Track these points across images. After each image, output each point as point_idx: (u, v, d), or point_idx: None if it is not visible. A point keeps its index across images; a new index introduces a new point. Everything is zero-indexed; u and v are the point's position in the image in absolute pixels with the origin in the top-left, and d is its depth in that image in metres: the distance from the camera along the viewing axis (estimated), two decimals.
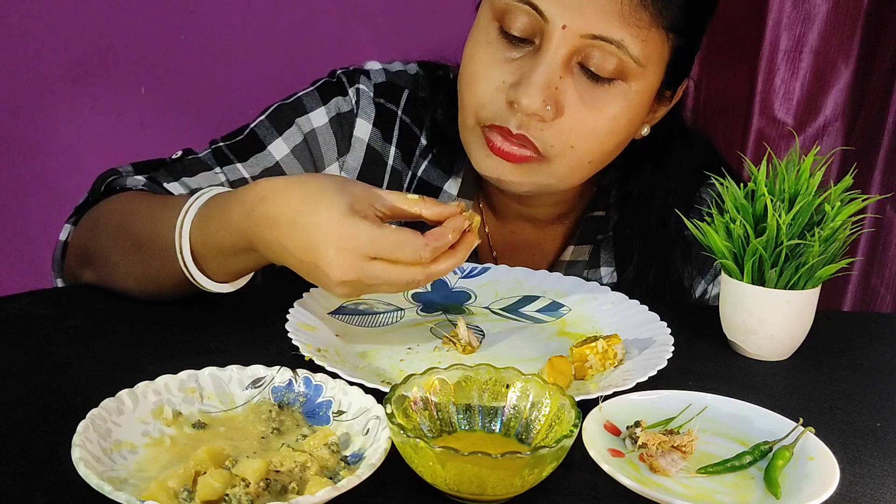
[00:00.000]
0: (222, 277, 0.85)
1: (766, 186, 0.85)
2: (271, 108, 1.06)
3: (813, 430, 0.67)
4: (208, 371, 0.70)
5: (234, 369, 0.70)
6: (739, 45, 1.66)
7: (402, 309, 0.94)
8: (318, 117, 1.05)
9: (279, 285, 0.90)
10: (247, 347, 0.81)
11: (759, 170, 0.87)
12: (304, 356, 0.76)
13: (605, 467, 0.61)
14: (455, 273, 1.00)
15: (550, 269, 1.02)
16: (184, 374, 0.69)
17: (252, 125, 1.05)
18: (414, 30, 1.68)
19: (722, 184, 0.88)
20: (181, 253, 0.83)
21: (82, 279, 0.96)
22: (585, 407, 0.67)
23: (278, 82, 1.51)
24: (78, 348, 0.80)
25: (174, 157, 1.03)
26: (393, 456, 0.61)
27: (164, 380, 0.68)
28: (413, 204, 0.78)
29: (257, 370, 0.71)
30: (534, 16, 0.87)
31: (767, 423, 0.70)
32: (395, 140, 1.07)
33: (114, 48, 1.60)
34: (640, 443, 0.67)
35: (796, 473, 0.64)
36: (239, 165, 1.01)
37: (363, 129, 1.06)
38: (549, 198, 1.06)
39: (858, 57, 1.64)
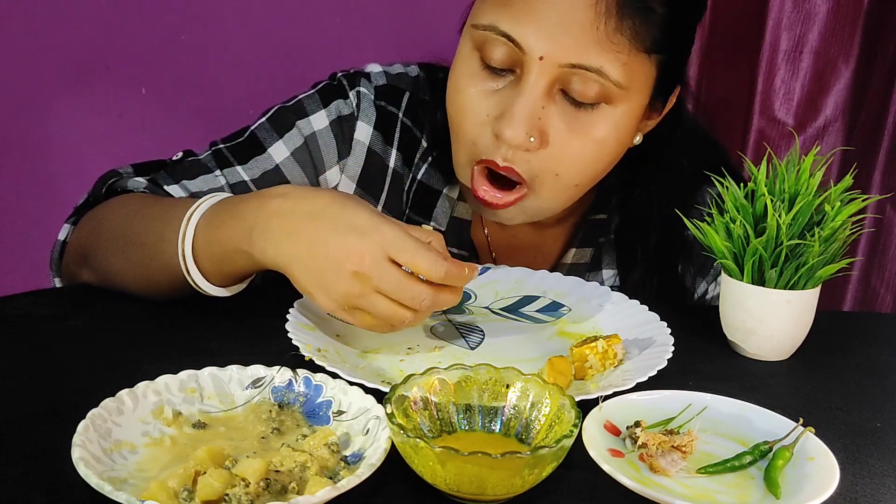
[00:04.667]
0: (217, 279, 0.85)
1: (766, 186, 0.85)
2: (272, 111, 1.06)
3: (813, 430, 0.67)
4: (208, 371, 0.70)
5: (234, 369, 0.70)
6: (739, 45, 1.66)
7: None
8: (319, 120, 1.04)
9: (279, 286, 0.90)
10: (247, 347, 0.81)
11: (759, 170, 0.87)
12: (304, 356, 0.76)
13: (605, 467, 0.61)
14: None
15: (552, 272, 1.02)
16: (184, 374, 0.69)
17: (252, 127, 1.05)
18: (414, 30, 1.68)
19: (722, 184, 0.88)
20: (182, 248, 0.83)
21: (80, 279, 0.96)
22: (585, 407, 0.67)
23: (278, 83, 1.51)
24: (78, 348, 0.80)
25: (174, 158, 1.02)
26: (393, 456, 0.61)
27: (164, 380, 0.68)
28: (426, 235, 0.80)
29: (257, 370, 0.71)
30: (511, 47, 0.87)
31: (767, 423, 0.70)
32: (396, 143, 1.07)
33: (114, 48, 1.60)
34: (640, 443, 0.67)
35: (796, 473, 0.64)
36: (239, 168, 1.01)
37: (364, 132, 1.06)
38: None
39: (858, 57, 1.64)
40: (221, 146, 1.03)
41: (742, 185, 0.88)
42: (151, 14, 1.60)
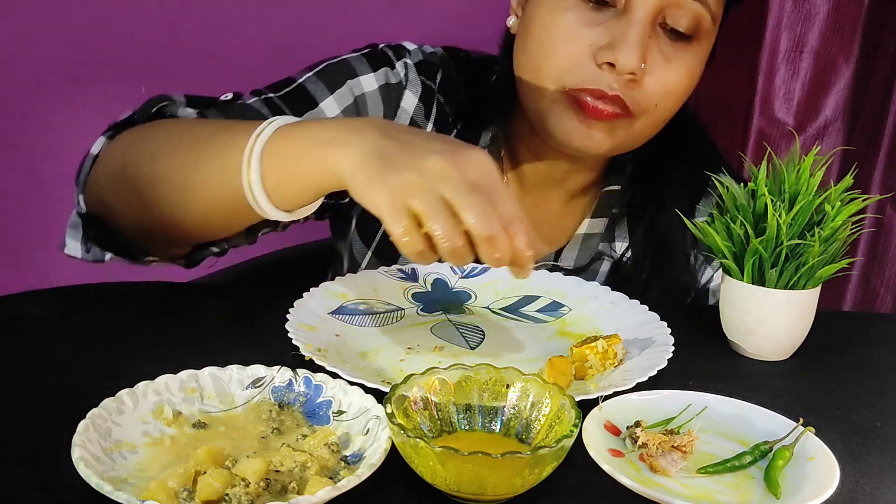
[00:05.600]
0: (277, 197, 0.77)
1: (766, 186, 0.85)
2: (320, 66, 1.05)
3: (813, 430, 0.67)
4: (208, 371, 0.70)
5: (234, 369, 0.70)
6: (739, 45, 1.66)
7: (402, 309, 0.94)
8: (369, 82, 1.05)
9: (280, 286, 0.90)
10: (247, 347, 0.81)
11: (759, 170, 0.87)
12: (304, 356, 0.76)
13: (605, 467, 0.61)
14: (455, 273, 1.00)
15: (568, 243, 1.02)
16: (184, 374, 0.69)
17: (300, 80, 1.03)
18: (414, 30, 1.67)
19: (722, 183, 0.88)
20: (253, 146, 0.76)
21: (105, 198, 0.90)
22: (585, 407, 0.67)
23: None
24: (78, 348, 0.80)
25: (224, 98, 0.98)
26: (393, 456, 0.61)
27: (164, 380, 0.68)
28: None
29: (257, 370, 0.71)
30: None
31: (767, 423, 0.70)
32: (433, 117, 1.09)
33: (114, 48, 1.60)
34: (640, 443, 0.67)
35: (796, 473, 0.64)
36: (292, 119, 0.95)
37: (410, 102, 1.07)
38: (591, 161, 1.08)
39: (859, 57, 1.64)
40: (272, 95, 1.00)
41: (742, 184, 0.88)
42: (151, 14, 1.60)
